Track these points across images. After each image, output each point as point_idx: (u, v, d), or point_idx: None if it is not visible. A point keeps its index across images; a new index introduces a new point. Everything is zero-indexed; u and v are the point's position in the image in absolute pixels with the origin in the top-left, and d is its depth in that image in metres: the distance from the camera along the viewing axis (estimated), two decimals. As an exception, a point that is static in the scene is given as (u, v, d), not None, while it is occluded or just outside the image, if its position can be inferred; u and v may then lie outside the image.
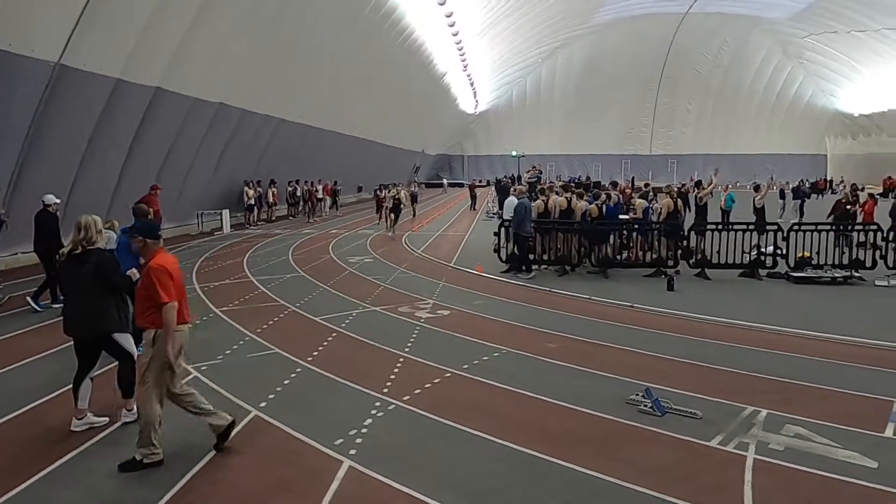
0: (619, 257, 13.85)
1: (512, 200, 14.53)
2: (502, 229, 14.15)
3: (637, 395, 6.16)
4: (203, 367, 7.22)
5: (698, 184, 20.77)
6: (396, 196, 21.71)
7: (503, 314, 9.93)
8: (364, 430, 5.54)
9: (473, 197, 35.44)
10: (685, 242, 13.50)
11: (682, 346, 8.21)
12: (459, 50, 42.87)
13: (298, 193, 28.61)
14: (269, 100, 23.63)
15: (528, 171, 45.40)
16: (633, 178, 46.19)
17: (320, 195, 29.30)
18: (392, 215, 21.68)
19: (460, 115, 61.15)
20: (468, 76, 51.05)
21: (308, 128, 28.59)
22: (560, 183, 27.47)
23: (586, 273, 13.58)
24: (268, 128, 24.96)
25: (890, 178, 45.49)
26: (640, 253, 13.98)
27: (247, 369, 7.25)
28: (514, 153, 56.53)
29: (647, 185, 19.46)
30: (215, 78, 19.42)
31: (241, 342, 8.32)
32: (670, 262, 13.31)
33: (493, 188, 38.15)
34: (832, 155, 59.81)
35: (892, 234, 13.16)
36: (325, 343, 8.29)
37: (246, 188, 24.84)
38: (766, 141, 61.80)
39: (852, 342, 8.39)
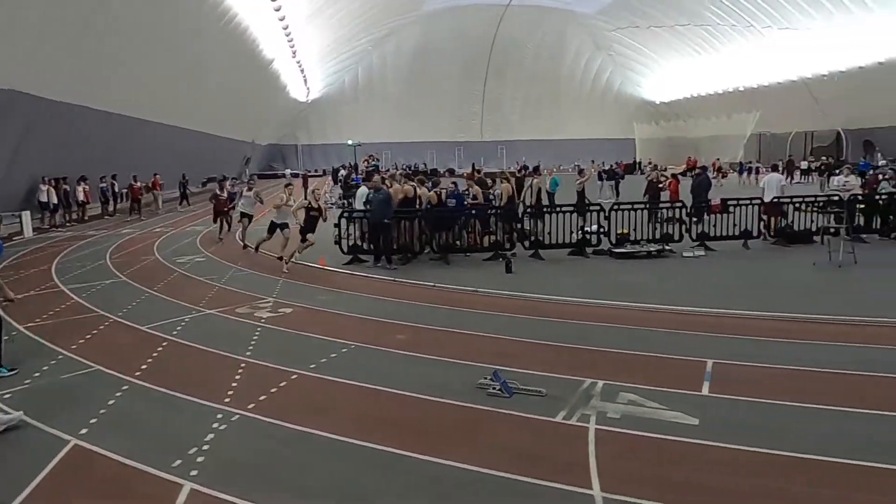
0: (457, 243, 14.16)
1: (364, 191, 14.28)
2: (343, 220, 13.88)
3: (486, 378, 6.30)
4: (6, 396, 6.27)
5: (581, 171, 21.71)
6: (313, 203, 13.13)
7: (349, 308, 9.73)
8: (205, 447, 5.11)
9: (306, 188, 34.51)
10: (520, 226, 14.14)
11: (524, 325, 8.55)
12: (287, 36, 41.41)
13: (117, 189, 26.08)
14: (79, 87, 21.16)
15: (365, 160, 45.11)
16: (473, 164, 47.57)
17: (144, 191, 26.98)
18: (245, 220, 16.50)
19: (292, 103, 59.24)
20: (298, 63, 49.52)
21: (126, 118, 26.09)
22: (400, 171, 27.60)
23: (428, 260, 13.74)
24: (80, 119, 22.36)
25: (692, 157, 51.03)
26: (479, 238, 14.41)
27: (61, 393, 6.40)
28: (350, 142, 55.88)
29: (479, 172, 20.09)
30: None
31: (53, 362, 7.34)
32: (508, 246, 13.87)
33: (330, 177, 37.49)
34: (639, 139, 66.02)
35: (693, 209, 14.73)
36: (155, 354, 7.57)
37: (42, 186, 21.85)
38: (585, 127, 66.71)
39: (670, 310, 9.22)
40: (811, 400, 5.81)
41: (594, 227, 14.05)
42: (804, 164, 42.34)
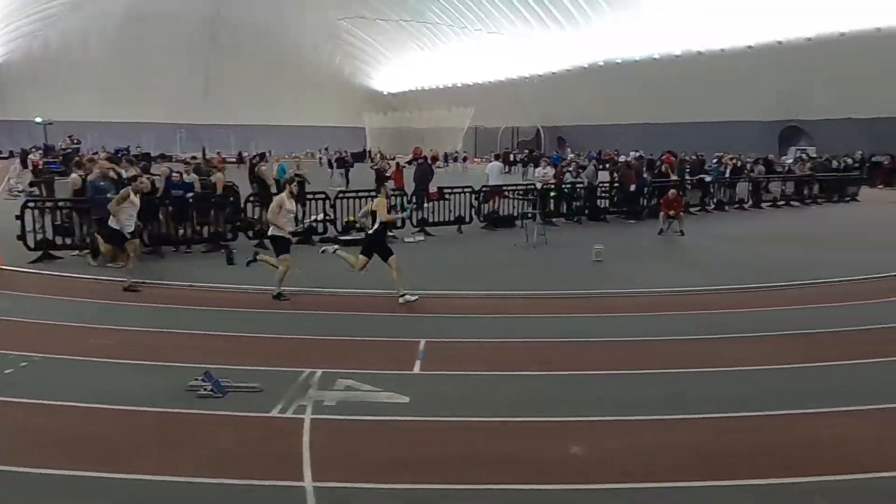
0: (172, 235, 13.06)
1: (77, 178, 12.29)
2: (29, 210, 11.90)
3: (196, 379, 5.90)
4: None
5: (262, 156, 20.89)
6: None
7: (35, 314, 8.36)
8: None
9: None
10: (244, 215, 13.56)
11: (242, 320, 8.23)
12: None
13: None
14: None
15: (63, 141, 39.20)
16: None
17: None
18: None
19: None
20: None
21: None
22: (105, 154, 24.48)
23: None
24: None
25: (418, 148, 53.93)
26: (198, 228, 13.47)
27: None
28: (38, 119, 47.83)
29: (194, 158, 18.79)
30: None
31: None
32: (229, 237, 13.20)
33: (18, 160, 31.95)
34: (370, 128, 67.90)
35: (415, 196, 15.60)
36: None
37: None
38: (317, 114, 66.37)
39: (388, 294, 9.53)
40: (515, 368, 6.52)
41: (320, 216, 14.07)
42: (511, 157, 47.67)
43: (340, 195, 14.62)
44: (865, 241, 15.01)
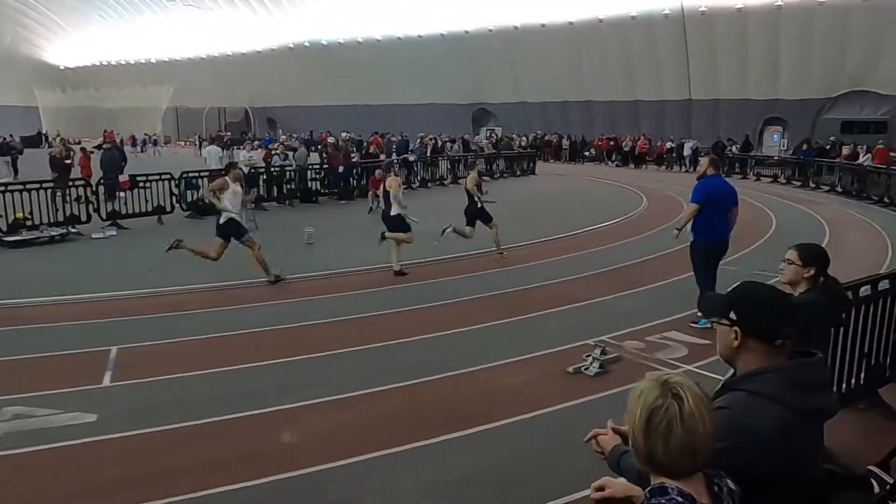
0: None
1: None
2: None
3: None
4: None
5: None
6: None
7: None
8: None
9: None
10: None
11: None
12: None
13: None
14: None
15: None
16: None
17: None
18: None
19: None
20: None
21: None
22: None
23: None
24: None
25: (110, 131, 47.64)
26: None
27: None
28: None
29: None
30: None
31: None
32: None
33: None
34: (44, 108, 58.43)
35: (101, 186, 13.88)
36: None
37: None
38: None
39: (67, 300, 8.44)
40: (214, 364, 6.19)
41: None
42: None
43: (2, 188, 12.35)
44: (537, 214, 17.49)
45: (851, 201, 18.88)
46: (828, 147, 24.74)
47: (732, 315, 1.93)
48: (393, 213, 9.78)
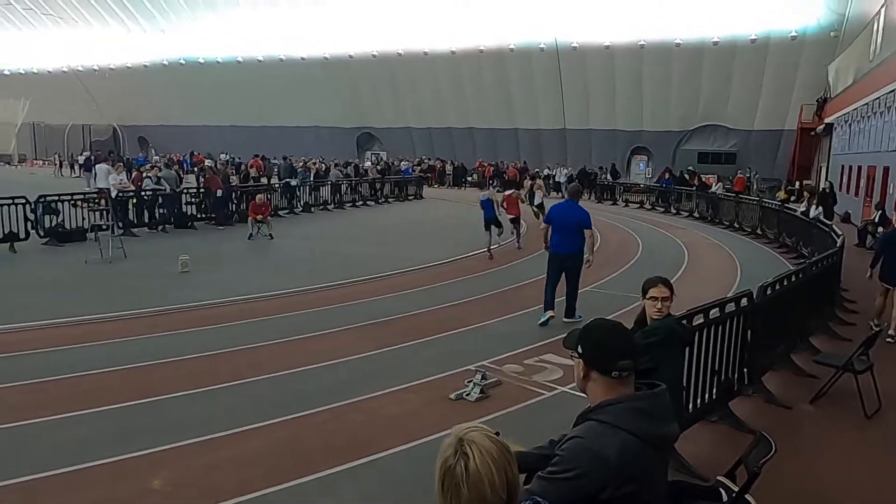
0: None
1: None
2: None
3: None
4: None
5: None
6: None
7: None
8: None
9: None
10: None
11: None
12: None
13: None
14: None
15: None
16: None
17: None
18: None
19: None
20: None
21: None
22: None
23: None
24: None
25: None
26: None
27: None
28: None
29: None
30: None
31: None
32: None
33: None
34: None
35: None
36: None
37: None
38: None
39: None
40: (73, 408, 5.67)
41: None
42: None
43: None
44: (418, 236, 17.71)
45: (707, 226, 20.63)
46: (687, 176, 26.96)
47: (579, 349, 2.08)
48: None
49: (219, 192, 18.11)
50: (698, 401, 5.06)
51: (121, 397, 5.94)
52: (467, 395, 6.04)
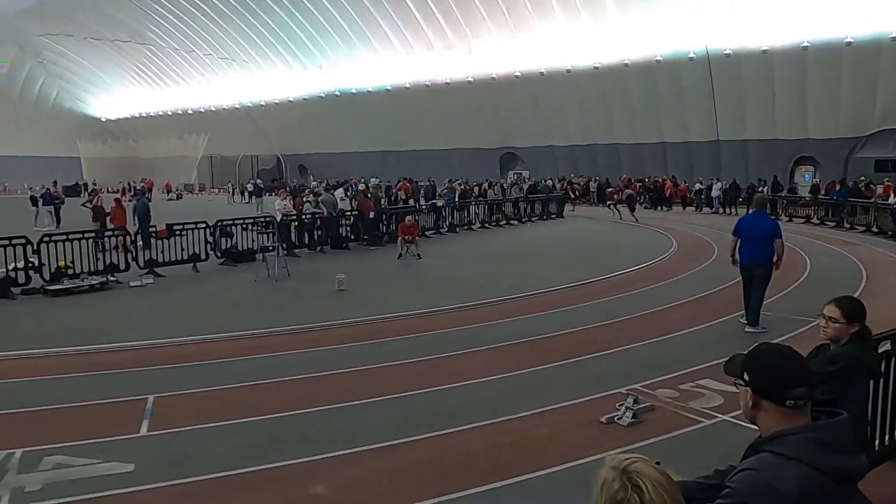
0: None
1: None
2: None
3: None
4: None
5: None
6: None
7: None
8: None
9: None
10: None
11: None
12: None
13: None
14: None
15: None
16: None
17: None
18: None
19: None
20: None
21: None
22: None
23: None
24: None
25: (145, 179, 49.26)
26: None
27: None
28: None
29: None
30: None
31: None
32: None
33: None
34: (85, 158, 60.65)
35: (139, 235, 14.29)
36: None
37: None
38: (16, 143, 57.29)
39: (105, 349, 8.62)
40: (249, 414, 6.24)
41: (20, 263, 12.18)
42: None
43: (47, 239, 12.79)
44: (560, 257, 17.47)
45: (888, 241, 18.48)
46: (862, 187, 24.36)
47: (746, 376, 1.96)
48: None
49: (371, 215, 19.09)
50: (886, 437, 4.54)
51: (281, 406, 6.41)
52: (619, 419, 5.85)
